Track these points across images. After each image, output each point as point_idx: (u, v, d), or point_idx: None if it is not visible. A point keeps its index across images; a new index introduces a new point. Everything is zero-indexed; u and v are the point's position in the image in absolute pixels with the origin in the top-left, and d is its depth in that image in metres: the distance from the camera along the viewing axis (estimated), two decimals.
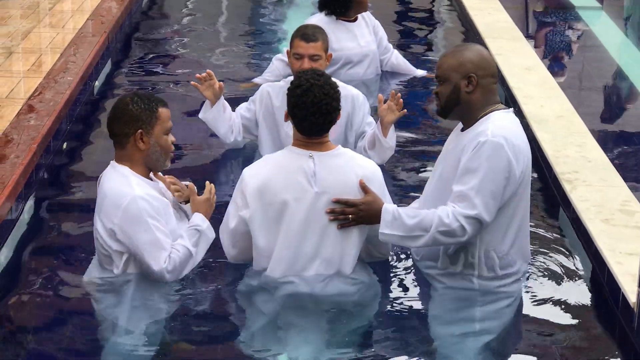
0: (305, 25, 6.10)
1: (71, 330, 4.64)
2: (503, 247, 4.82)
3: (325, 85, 4.65)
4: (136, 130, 4.71)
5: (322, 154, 4.71)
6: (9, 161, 5.93)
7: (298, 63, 5.92)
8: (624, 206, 5.66)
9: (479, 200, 4.64)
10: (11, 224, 5.49)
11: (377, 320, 4.80)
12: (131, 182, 4.70)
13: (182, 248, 4.76)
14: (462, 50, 4.81)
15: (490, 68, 4.79)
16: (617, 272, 4.90)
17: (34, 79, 7.45)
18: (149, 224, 4.66)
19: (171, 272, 4.74)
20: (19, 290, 4.96)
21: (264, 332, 4.66)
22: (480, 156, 4.65)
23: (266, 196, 4.69)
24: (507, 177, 4.67)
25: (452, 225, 4.66)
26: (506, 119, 4.76)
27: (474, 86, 4.74)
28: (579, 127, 6.95)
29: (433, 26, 10.63)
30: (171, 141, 4.80)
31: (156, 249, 4.68)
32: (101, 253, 4.80)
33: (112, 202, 4.67)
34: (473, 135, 4.72)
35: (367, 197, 4.71)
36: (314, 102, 4.61)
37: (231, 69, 8.43)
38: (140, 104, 4.73)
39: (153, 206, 4.70)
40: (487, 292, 4.85)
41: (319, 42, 5.91)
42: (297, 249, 4.71)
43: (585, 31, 10.39)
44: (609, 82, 8.92)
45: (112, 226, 4.68)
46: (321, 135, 4.71)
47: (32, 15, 9.33)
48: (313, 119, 4.63)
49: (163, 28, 10.05)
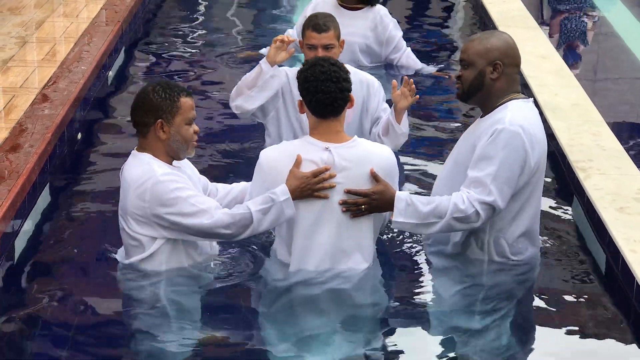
0: (316, 14, 6.08)
1: (87, 324, 4.64)
2: (513, 234, 4.82)
3: (330, 59, 4.73)
4: (156, 119, 4.67)
5: (338, 146, 4.70)
6: (23, 150, 5.95)
7: (312, 53, 5.91)
8: (638, 194, 5.64)
9: (495, 187, 4.65)
10: (25, 213, 5.51)
11: (391, 309, 4.81)
12: (152, 165, 4.67)
13: (244, 208, 4.67)
14: (489, 37, 4.83)
15: (516, 57, 4.81)
16: (631, 261, 4.89)
17: (48, 69, 7.47)
18: (178, 193, 4.61)
19: (227, 227, 4.65)
20: (31, 278, 4.98)
21: (284, 326, 4.65)
22: (497, 144, 4.66)
23: (277, 185, 4.68)
24: (522, 166, 4.68)
25: (467, 211, 4.67)
26: (525, 108, 4.77)
27: (499, 74, 4.75)
28: (594, 116, 6.92)
29: (447, 15, 10.60)
30: (194, 131, 4.73)
31: (198, 209, 4.62)
32: (130, 244, 4.76)
33: (137, 188, 4.64)
34: (490, 123, 4.73)
35: (378, 186, 4.71)
36: (322, 71, 4.64)
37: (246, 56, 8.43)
38: (162, 93, 4.67)
39: (178, 179, 4.66)
40: (498, 277, 4.86)
41: (330, 31, 5.91)
42: (313, 241, 4.71)
43: (601, 18, 10.35)
44: (623, 71, 8.87)
45: (142, 211, 4.63)
46: (335, 115, 4.69)
47: (46, 5, 9.34)
48: (324, 87, 4.61)
49: (177, 17, 10.06)
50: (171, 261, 4.76)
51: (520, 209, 4.80)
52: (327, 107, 4.66)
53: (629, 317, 4.75)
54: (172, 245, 4.74)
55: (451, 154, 4.99)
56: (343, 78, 4.66)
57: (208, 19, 9.95)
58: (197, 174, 4.96)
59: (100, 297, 4.84)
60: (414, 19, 10.07)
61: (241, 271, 4.95)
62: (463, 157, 4.81)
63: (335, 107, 4.66)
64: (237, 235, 4.71)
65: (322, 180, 4.64)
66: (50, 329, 4.58)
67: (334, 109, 4.67)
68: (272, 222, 4.68)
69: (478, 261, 4.88)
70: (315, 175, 4.64)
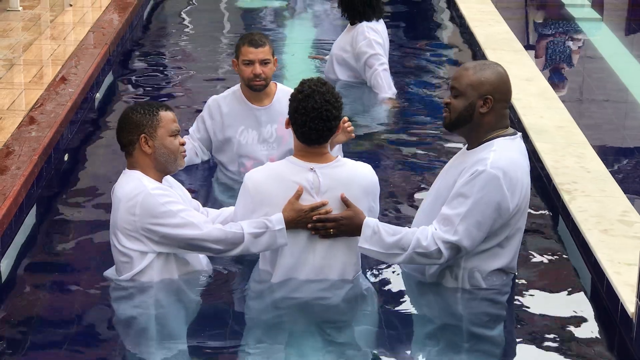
0: (250, 32, 6.22)
1: (80, 341, 4.64)
2: (489, 269, 4.82)
3: (327, 93, 4.68)
4: (139, 135, 4.77)
5: (323, 166, 4.73)
6: (10, 172, 5.95)
7: (249, 69, 6.00)
8: (623, 217, 5.67)
9: (462, 228, 4.63)
10: (12, 235, 5.50)
11: (375, 322, 4.84)
12: (143, 181, 4.74)
13: (237, 227, 4.71)
14: (484, 69, 4.74)
15: (507, 93, 4.76)
16: (615, 283, 4.91)
17: (35, 91, 7.48)
18: (169, 207, 4.68)
19: (216, 242, 4.70)
20: (18, 301, 4.97)
21: (272, 339, 4.69)
22: (474, 185, 4.63)
23: (264, 208, 4.73)
24: (497, 210, 4.64)
25: (429, 248, 4.66)
26: (511, 148, 4.71)
27: (489, 108, 4.70)
28: (579, 138, 6.96)
29: (433, 37, 10.65)
30: (180, 142, 4.83)
31: (188, 221, 4.68)
32: (120, 261, 4.80)
33: (127, 202, 4.70)
34: (473, 161, 4.69)
35: (348, 211, 4.73)
36: (314, 107, 4.64)
37: (231, 80, 8.45)
38: (141, 110, 4.83)
39: (168, 194, 4.73)
40: (473, 304, 4.85)
41: (267, 46, 6.03)
42: (301, 260, 4.76)
43: (585, 42, 10.42)
44: (608, 94, 8.93)
45: (132, 225, 4.69)
46: (320, 144, 4.73)
47: (34, 28, 9.36)
48: (312, 124, 4.65)
49: (164, 40, 10.09)
50: (162, 276, 4.80)
51: (499, 248, 4.77)
52: (312, 141, 4.70)
53: (613, 339, 4.76)
54: (163, 261, 4.78)
55: (433, 185, 4.97)
56: (334, 116, 4.67)
57: (195, 41, 9.98)
58: (189, 197, 5.02)
59: (90, 316, 4.84)
60: (399, 39, 10.11)
61: (228, 283, 5.00)
62: (444, 191, 4.77)
63: (321, 141, 4.72)
64: (226, 252, 4.76)
65: (317, 214, 4.69)
66: (38, 350, 4.58)
67: (319, 141, 4.72)
68: (264, 247, 4.75)
69: (452, 289, 4.87)
70: (312, 210, 4.69)
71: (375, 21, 7.81)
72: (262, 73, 6.01)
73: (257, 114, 6.14)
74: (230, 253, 4.77)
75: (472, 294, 4.84)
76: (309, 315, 4.80)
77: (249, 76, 6.03)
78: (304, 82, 4.75)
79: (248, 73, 6.03)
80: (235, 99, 6.19)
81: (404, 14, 11.50)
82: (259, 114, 6.14)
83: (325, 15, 11.21)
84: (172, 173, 4.93)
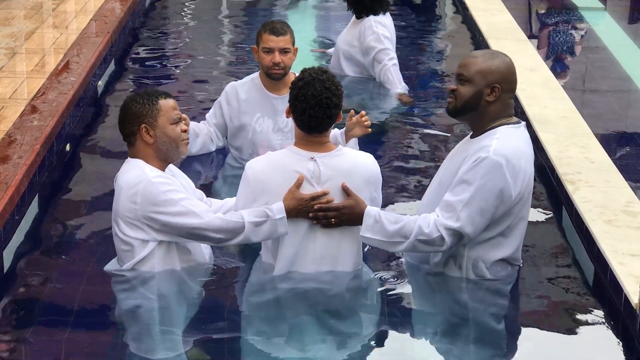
0: (271, 20, 6.19)
1: (78, 333, 4.64)
2: (493, 259, 4.81)
3: (327, 80, 4.67)
4: (140, 125, 4.76)
5: (323, 155, 4.72)
6: (12, 162, 5.93)
7: (268, 57, 5.98)
8: (626, 207, 5.66)
9: (465, 214, 4.63)
10: (14, 225, 5.50)
11: (377, 313, 4.83)
12: (145, 169, 4.74)
13: (237, 216, 4.70)
14: (494, 58, 4.75)
15: (513, 83, 4.76)
16: (619, 273, 4.90)
17: (37, 80, 7.46)
18: (170, 195, 4.67)
19: (217, 231, 4.70)
20: (21, 290, 4.97)
21: (273, 330, 4.68)
22: (477, 171, 4.63)
23: (265, 197, 4.72)
24: (499, 197, 4.64)
25: (431, 235, 4.66)
26: (515, 135, 4.71)
27: (495, 97, 4.70)
28: (583, 128, 6.95)
29: (436, 27, 10.63)
30: (182, 130, 4.81)
31: (189, 210, 4.67)
32: (122, 249, 4.80)
33: (129, 189, 4.69)
34: (476, 148, 4.69)
35: (349, 200, 4.72)
36: (314, 95, 4.63)
37: (234, 68, 8.43)
38: (140, 99, 4.80)
39: (170, 182, 4.73)
40: (477, 294, 4.85)
41: (287, 35, 6.00)
42: (302, 249, 4.75)
43: (589, 32, 10.39)
44: (611, 83, 8.91)
45: (133, 214, 4.68)
46: (320, 132, 4.71)
47: (36, 16, 9.34)
48: (312, 112, 4.63)
49: (166, 28, 10.07)
50: (164, 265, 4.79)
51: (502, 237, 4.77)
52: (312, 128, 4.69)
53: (617, 329, 4.76)
54: (165, 250, 4.77)
55: (437, 173, 4.96)
56: (334, 104, 4.65)
57: (197, 29, 9.96)
58: (192, 186, 5.01)
59: (92, 304, 4.85)
60: (401, 30, 10.09)
61: (230, 275, 4.99)
62: (447, 179, 4.77)
63: (321, 129, 4.70)
64: (227, 241, 4.75)
65: (318, 203, 4.67)
66: (41, 336, 4.58)
67: (319, 129, 4.70)
68: (264, 236, 4.73)
69: (456, 278, 4.87)
70: (313, 199, 4.67)
71: (382, 14, 7.75)
72: (281, 62, 5.99)
73: (274, 102, 6.13)
74: (231, 242, 4.76)
75: (476, 284, 4.84)
76: (311, 306, 4.80)
77: (268, 64, 6.01)
78: (304, 70, 4.75)
79: (267, 61, 6.00)
80: (253, 86, 6.18)
81: (407, 3, 11.48)
82: (276, 102, 6.12)
83: (327, 8, 11.17)
84: (174, 161, 4.91)
